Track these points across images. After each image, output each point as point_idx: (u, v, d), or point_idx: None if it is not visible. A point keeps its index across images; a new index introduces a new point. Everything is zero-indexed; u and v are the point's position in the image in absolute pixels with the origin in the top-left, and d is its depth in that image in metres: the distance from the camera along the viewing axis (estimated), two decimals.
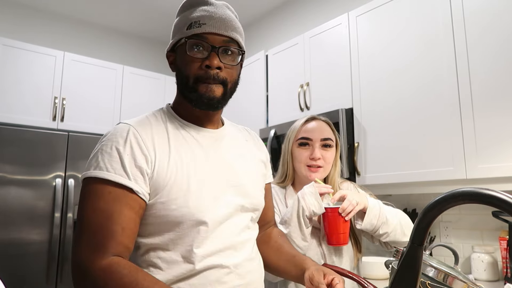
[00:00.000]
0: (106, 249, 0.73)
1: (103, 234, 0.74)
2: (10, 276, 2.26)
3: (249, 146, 1.03)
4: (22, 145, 2.44)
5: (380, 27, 2.05)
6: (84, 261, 0.73)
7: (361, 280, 0.91)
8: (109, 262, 0.72)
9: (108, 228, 0.74)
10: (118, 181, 0.76)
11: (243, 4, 3.26)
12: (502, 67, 1.57)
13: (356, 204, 1.10)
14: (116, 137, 0.81)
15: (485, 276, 1.72)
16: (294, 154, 1.24)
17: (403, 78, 1.92)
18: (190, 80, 0.85)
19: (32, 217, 2.41)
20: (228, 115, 1.15)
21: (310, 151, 1.21)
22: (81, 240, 0.75)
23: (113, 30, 3.69)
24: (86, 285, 0.73)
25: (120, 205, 0.76)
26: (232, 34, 0.86)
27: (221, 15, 0.85)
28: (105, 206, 0.75)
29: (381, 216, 1.12)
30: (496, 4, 1.61)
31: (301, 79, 2.46)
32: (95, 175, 0.77)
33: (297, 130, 1.24)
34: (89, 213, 0.76)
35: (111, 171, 0.77)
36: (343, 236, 1.11)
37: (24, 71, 2.75)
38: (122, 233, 0.75)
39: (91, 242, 0.74)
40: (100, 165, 0.78)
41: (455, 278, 0.65)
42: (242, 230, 0.90)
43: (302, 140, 1.22)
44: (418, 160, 1.81)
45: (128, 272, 0.72)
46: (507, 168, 1.52)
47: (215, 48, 0.83)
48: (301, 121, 1.26)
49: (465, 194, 0.47)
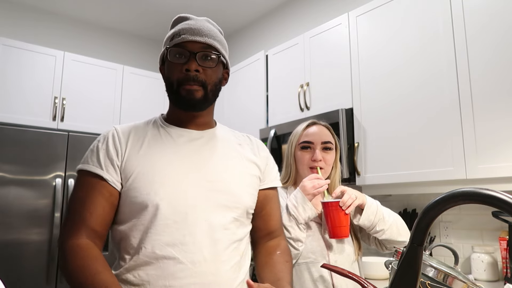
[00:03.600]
0: (76, 231, 0.85)
1: (75, 218, 0.87)
2: (10, 276, 2.26)
3: (241, 149, 1.04)
4: (22, 145, 2.44)
5: (380, 27, 2.05)
6: (61, 241, 0.86)
7: (361, 280, 0.91)
8: (76, 242, 0.84)
9: (80, 213, 0.87)
10: (93, 170, 0.89)
11: (243, 4, 3.26)
12: (502, 66, 1.57)
13: (356, 198, 1.16)
14: (100, 137, 0.96)
15: (485, 276, 1.72)
16: (297, 157, 1.32)
17: (403, 77, 1.92)
18: (174, 84, 0.93)
19: (32, 217, 2.41)
20: (228, 115, 1.16)
21: (312, 154, 1.28)
22: (63, 224, 0.89)
23: (113, 30, 3.69)
24: (60, 260, 0.86)
25: (93, 193, 0.88)
26: (207, 40, 0.94)
27: (200, 26, 0.95)
28: (81, 194, 0.89)
29: (378, 213, 1.19)
30: (496, 1, 1.61)
31: (301, 79, 2.46)
32: (80, 168, 0.92)
33: (299, 135, 1.32)
34: (71, 201, 0.90)
35: (90, 163, 0.91)
36: (344, 229, 1.16)
37: (24, 71, 2.75)
38: (90, 218, 0.86)
39: (68, 225, 0.87)
40: (85, 160, 0.93)
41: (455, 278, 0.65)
42: (215, 229, 0.89)
43: (304, 144, 1.29)
44: (418, 160, 1.81)
45: (84, 255, 0.82)
46: (507, 168, 1.52)
47: (193, 54, 0.92)
48: (303, 126, 1.33)
49: (465, 194, 0.47)
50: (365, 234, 1.30)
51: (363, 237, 1.31)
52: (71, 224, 0.87)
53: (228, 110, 3.05)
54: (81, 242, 0.84)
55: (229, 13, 3.42)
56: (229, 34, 3.80)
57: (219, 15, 3.39)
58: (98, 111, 3.03)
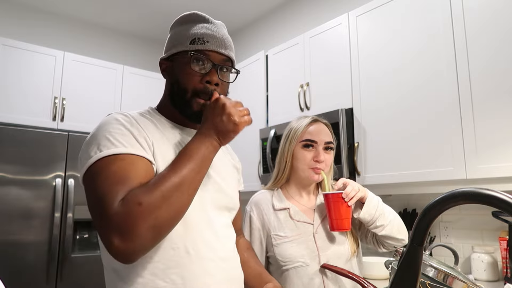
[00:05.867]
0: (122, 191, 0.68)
1: (115, 187, 0.69)
2: (10, 276, 2.26)
3: (226, 152, 1.08)
4: (22, 145, 2.44)
5: (380, 27, 2.05)
6: (112, 216, 0.65)
7: (361, 280, 0.91)
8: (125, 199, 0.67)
9: (119, 181, 0.69)
10: (136, 153, 0.75)
11: (243, 4, 3.26)
12: (502, 66, 1.57)
13: (358, 190, 1.13)
14: (117, 120, 0.81)
15: (485, 276, 1.72)
16: (296, 155, 1.24)
17: (403, 77, 1.92)
18: (188, 92, 0.87)
19: (32, 217, 2.41)
20: None
21: (315, 153, 1.22)
22: (97, 218, 0.68)
23: (113, 30, 3.69)
24: (132, 240, 0.64)
25: (136, 167, 0.73)
26: (230, 53, 0.92)
27: (222, 35, 0.92)
28: (118, 168, 0.71)
29: (379, 207, 1.16)
30: (496, 1, 1.61)
31: (301, 79, 2.46)
32: (113, 152, 0.73)
33: (301, 131, 1.25)
34: (101, 181, 0.70)
35: (128, 146, 0.75)
36: (346, 221, 1.13)
37: (24, 71, 2.75)
38: (135, 178, 0.71)
39: (106, 201, 0.67)
40: (114, 143, 0.75)
41: (455, 278, 0.65)
42: (224, 228, 0.92)
43: (307, 142, 1.23)
44: (418, 160, 1.81)
45: (151, 181, 0.70)
46: (507, 168, 1.52)
47: (215, 65, 0.88)
48: (304, 122, 1.26)
49: (465, 194, 0.47)
50: (363, 231, 1.27)
51: (361, 235, 1.28)
52: (110, 196, 0.67)
53: None
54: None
55: (229, 13, 3.42)
56: (229, 34, 3.79)
57: (219, 15, 3.39)
58: (98, 111, 3.03)
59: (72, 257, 2.50)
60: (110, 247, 0.64)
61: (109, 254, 0.68)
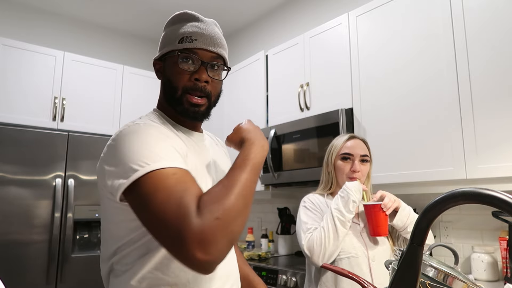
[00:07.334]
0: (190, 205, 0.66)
1: (183, 198, 0.66)
2: (10, 276, 2.26)
3: (221, 151, 1.10)
4: (22, 145, 2.44)
5: (380, 27, 2.05)
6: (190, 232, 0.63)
7: (361, 280, 0.91)
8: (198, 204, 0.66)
9: (185, 189, 0.68)
10: (182, 166, 0.73)
11: (243, 4, 3.26)
12: (502, 66, 1.57)
13: (394, 200, 1.35)
14: (149, 130, 0.79)
15: (485, 276, 1.72)
16: (337, 167, 1.48)
17: (403, 77, 1.92)
18: (178, 91, 0.89)
19: (32, 217, 2.41)
20: (228, 115, 1.16)
21: (351, 165, 1.45)
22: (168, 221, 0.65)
23: (113, 30, 3.69)
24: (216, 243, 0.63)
25: (189, 178, 0.72)
26: (220, 51, 0.92)
27: (211, 33, 0.91)
28: (177, 181, 0.69)
29: (411, 216, 1.37)
30: (496, 1, 1.61)
31: (301, 79, 2.46)
32: (163, 166, 0.71)
33: (340, 147, 1.49)
34: (165, 194, 0.67)
35: (174, 159, 0.73)
36: (384, 228, 1.33)
37: (24, 71, 2.75)
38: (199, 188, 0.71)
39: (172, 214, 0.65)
40: (160, 155, 0.73)
41: (455, 278, 0.65)
42: None
43: (345, 155, 1.47)
44: (418, 160, 1.81)
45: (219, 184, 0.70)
46: (507, 168, 1.52)
47: (204, 63, 0.89)
48: (343, 139, 1.50)
49: (465, 194, 0.47)
50: (395, 235, 1.47)
51: (393, 238, 1.49)
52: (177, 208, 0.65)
53: (228, 110, 3.05)
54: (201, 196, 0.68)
55: (229, 13, 3.42)
56: (229, 34, 3.80)
57: (219, 14, 3.39)
58: (98, 111, 3.03)
59: (72, 257, 2.50)
60: (192, 260, 0.63)
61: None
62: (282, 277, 2.06)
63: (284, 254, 2.71)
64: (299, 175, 2.29)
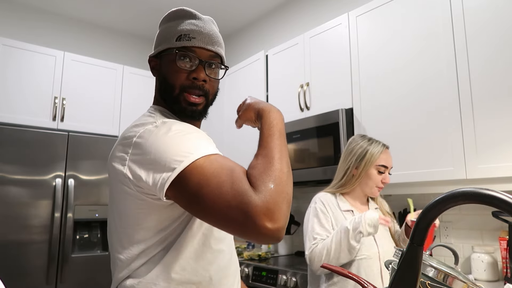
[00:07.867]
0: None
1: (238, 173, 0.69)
2: (10, 276, 2.26)
3: None
4: (22, 145, 2.44)
5: (380, 27, 2.05)
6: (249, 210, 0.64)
7: (361, 280, 0.91)
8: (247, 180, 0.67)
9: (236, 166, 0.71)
10: (217, 151, 0.76)
11: (243, 4, 3.26)
12: (502, 66, 1.57)
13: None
14: (184, 125, 0.81)
15: (485, 276, 1.72)
16: (370, 175, 1.53)
17: (403, 77, 1.92)
18: (175, 89, 0.88)
19: (32, 217, 2.41)
20: (228, 115, 1.15)
21: (383, 176, 1.54)
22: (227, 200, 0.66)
23: (113, 30, 3.69)
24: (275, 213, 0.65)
25: (231, 160, 0.74)
26: (217, 49, 0.91)
27: (209, 31, 0.90)
28: (223, 163, 0.71)
29: None
30: (496, 1, 1.61)
31: (301, 79, 2.46)
32: (204, 154, 0.72)
33: (378, 157, 1.53)
34: (218, 178, 0.68)
35: (207, 146, 0.75)
36: (428, 240, 1.39)
37: (24, 71, 2.75)
38: None
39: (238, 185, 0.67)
40: (202, 145, 0.75)
41: (455, 278, 0.65)
42: None
43: (382, 168, 1.53)
44: (418, 160, 1.81)
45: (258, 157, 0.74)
46: (507, 168, 1.52)
47: (202, 62, 0.88)
48: (380, 149, 1.54)
49: (465, 194, 0.47)
50: (395, 237, 1.60)
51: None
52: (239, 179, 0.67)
53: (228, 110, 3.04)
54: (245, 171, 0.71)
55: (229, 13, 3.42)
56: (229, 34, 3.80)
57: (219, 14, 3.39)
58: (98, 111, 3.03)
59: (72, 257, 2.50)
60: (265, 232, 0.64)
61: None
62: (282, 277, 2.06)
63: (284, 254, 2.71)
64: (299, 175, 2.29)
